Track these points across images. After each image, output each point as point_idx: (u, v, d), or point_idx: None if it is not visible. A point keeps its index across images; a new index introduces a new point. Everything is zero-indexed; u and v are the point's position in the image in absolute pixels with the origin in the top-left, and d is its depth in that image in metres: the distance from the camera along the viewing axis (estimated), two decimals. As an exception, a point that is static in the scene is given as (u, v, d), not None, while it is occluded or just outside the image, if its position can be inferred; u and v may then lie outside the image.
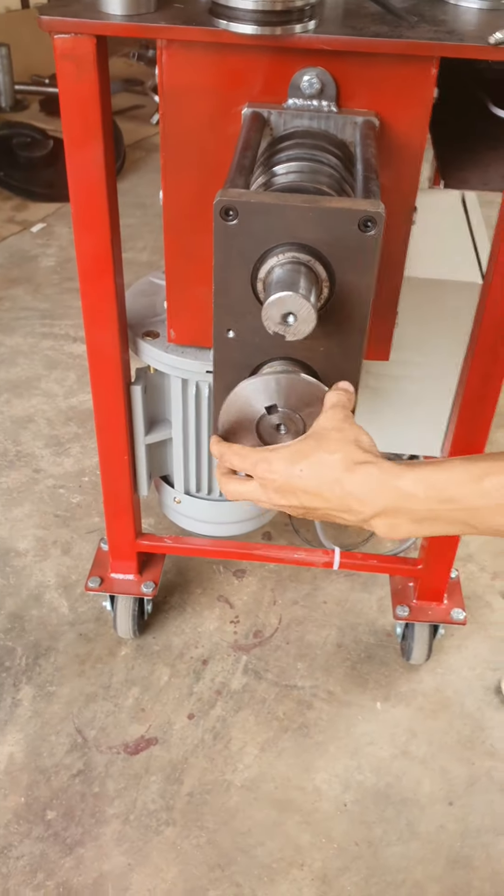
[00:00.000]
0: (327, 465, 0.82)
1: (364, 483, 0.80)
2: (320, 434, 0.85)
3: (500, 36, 0.93)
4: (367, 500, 0.80)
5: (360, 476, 0.80)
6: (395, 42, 0.94)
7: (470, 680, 1.66)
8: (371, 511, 0.80)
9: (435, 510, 0.77)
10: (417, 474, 0.78)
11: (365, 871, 1.38)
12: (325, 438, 0.84)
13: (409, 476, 0.78)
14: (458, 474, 0.76)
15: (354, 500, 0.80)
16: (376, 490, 0.79)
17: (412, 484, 0.78)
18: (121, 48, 4.33)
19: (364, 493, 0.80)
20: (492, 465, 0.75)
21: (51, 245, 3.11)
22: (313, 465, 0.82)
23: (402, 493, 0.78)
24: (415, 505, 0.78)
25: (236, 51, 0.99)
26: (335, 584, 1.83)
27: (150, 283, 1.47)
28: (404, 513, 0.79)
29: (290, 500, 0.85)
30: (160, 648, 1.69)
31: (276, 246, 0.84)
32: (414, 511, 0.78)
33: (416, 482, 0.77)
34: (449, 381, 1.49)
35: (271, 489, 0.86)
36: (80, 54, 0.98)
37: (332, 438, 0.84)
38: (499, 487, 0.74)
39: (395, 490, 0.78)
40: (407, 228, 1.12)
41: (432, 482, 0.77)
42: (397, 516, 0.79)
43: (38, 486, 2.05)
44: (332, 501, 0.82)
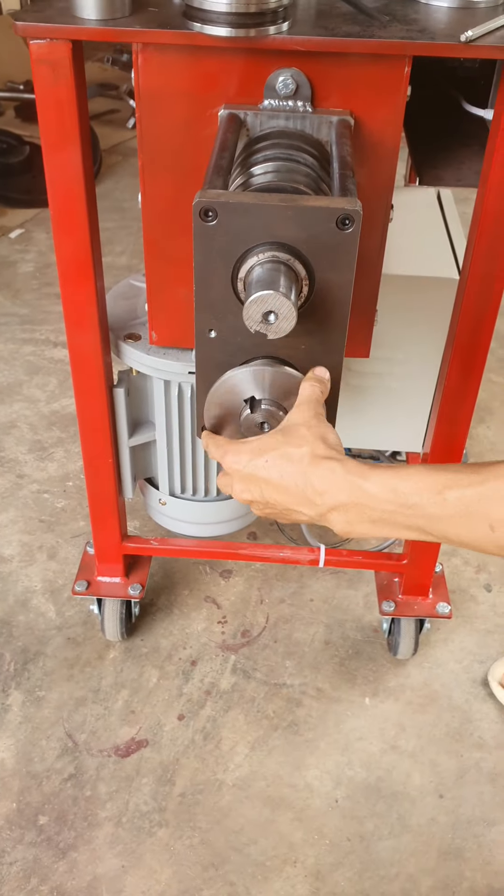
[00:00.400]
0: (292, 458, 0.84)
1: (326, 477, 0.81)
2: (289, 429, 0.87)
3: (471, 34, 0.94)
4: (327, 493, 0.81)
5: (323, 470, 0.82)
6: (368, 42, 0.95)
7: (457, 673, 1.67)
8: (330, 503, 0.82)
9: (393, 513, 0.79)
10: (381, 477, 0.80)
11: (358, 865, 1.38)
12: (293, 433, 0.85)
13: (373, 477, 0.80)
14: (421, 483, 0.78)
15: (314, 493, 0.82)
16: (337, 485, 0.81)
17: (374, 486, 0.79)
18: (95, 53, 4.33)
19: (325, 486, 0.81)
20: (454, 478, 0.77)
21: (29, 251, 3.11)
22: (278, 457, 0.84)
23: (363, 492, 0.80)
24: (375, 505, 0.79)
25: (211, 53, 0.99)
26: (321, 581, 1.84)
27: (131, 286, 1.47)
28: (362, 510, 0.80)
29: (252, 492, 0.87)
30: (148, 650, 1.69)
31: (256, 245, 0.85)
32: (373, 510, 0.80)
33: (378, 484, 0.79)
34: (429, 377, 1.50)
35: (236, 479, 0.88)
36: (56, 59, 0.99)
37: (299, 434, 0.85)
38: (459, 500, 0.76)
39: (357, 488, 0.80)
40: (384, 226, 1.13)
41: (394, 486, 0.79)
42: (355, 513, 0.81)
43: (23, 492, 2.05)
44: (293, 493, 0.83)
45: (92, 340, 1.26)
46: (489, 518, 0.74)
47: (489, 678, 1.64)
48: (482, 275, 1.15)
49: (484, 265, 1.14)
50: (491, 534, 0.75)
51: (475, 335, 1.23)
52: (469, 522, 0.76)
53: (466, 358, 1.26)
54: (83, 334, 1.26)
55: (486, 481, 0.75)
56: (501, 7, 1.06)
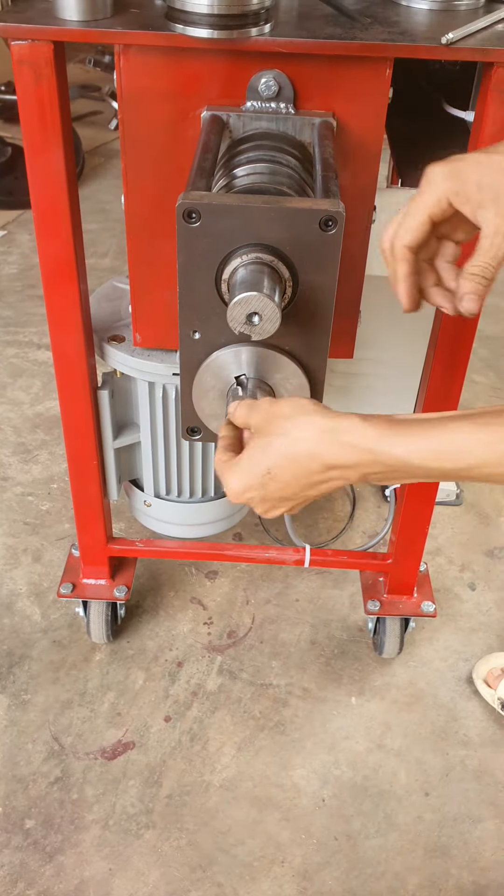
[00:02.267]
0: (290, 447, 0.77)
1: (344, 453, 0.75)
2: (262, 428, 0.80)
3: (451, 36, 0.95)
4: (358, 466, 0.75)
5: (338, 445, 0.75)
6: (349, 44, 0.96)
7: (442, 671, 1.68)
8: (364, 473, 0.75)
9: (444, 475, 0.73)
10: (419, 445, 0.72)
11: (345, 864, 1.39)
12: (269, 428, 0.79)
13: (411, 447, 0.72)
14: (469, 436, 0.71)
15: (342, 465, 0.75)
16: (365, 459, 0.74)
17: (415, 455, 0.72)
18: (77, 54, 4.31)
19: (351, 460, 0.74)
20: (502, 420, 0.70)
21: (12, 253, 3.09)
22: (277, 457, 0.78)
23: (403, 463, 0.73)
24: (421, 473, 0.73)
25: (193, 55, 0.99)
26: (307, 581, 1.85)
27: (114, 288, 1.47)
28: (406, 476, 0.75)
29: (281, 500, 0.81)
30: (135, 652, 1.69)
31: (239, 247, 0.85)
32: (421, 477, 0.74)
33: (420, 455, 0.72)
34: (412, 377, 1.51)
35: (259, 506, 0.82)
36: (38, 60, 0.98)
37: (275, 425, 0.79)
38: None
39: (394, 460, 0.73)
40: (367, 227, 1.14)
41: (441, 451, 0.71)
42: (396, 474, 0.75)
43: (7, 494, 2.04)
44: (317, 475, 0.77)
45: (76, 342, 1.26)
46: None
47: (474, 676, 1.65)
48: (464, 275, 1.16)
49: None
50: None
51: (457, 336, 1.23)
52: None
53: (449, 358, 1.26)
54: (67, 336, 1.25)
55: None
56: (482, 9, 1.07)
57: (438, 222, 0.82)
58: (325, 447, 0.75)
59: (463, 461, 0.71)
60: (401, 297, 0.84)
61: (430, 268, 0.86)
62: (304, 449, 0.76)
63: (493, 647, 1.73)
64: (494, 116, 1.01)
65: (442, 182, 0.79)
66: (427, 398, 1.31)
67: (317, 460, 0.76)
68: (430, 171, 0.81)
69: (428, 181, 0.80)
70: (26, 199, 1.11)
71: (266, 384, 0.93)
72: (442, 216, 0.81)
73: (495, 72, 0.98)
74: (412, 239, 0.82)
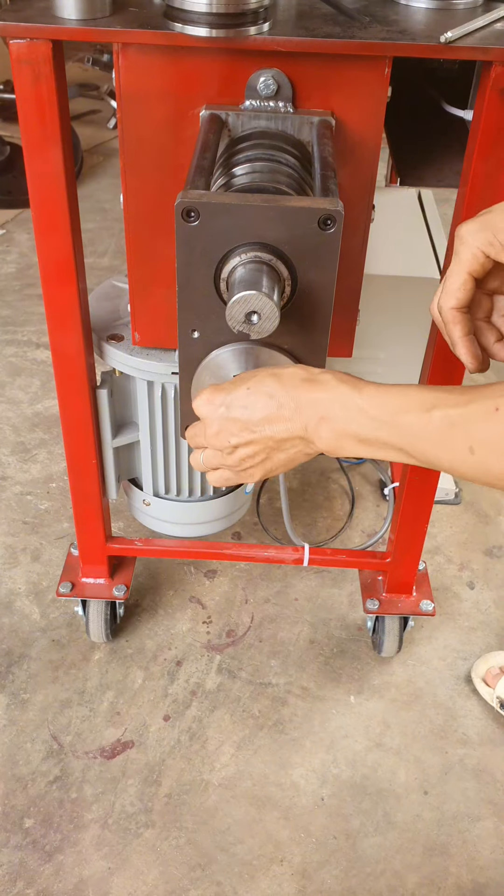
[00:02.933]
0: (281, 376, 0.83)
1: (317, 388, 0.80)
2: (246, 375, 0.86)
3: (450, 35, 0.95)
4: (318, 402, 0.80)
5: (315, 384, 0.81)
6: (348, 42, 0.96)
7: (441, 670, 1.68)
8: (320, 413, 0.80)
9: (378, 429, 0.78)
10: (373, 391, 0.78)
11: (344, 863, 1.39)
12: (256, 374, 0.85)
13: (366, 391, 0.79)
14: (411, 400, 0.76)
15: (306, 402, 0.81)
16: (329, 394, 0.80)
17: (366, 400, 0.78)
18: (75, 53, 4.31)
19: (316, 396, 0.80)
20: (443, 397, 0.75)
21: (10, 252, 3.09)
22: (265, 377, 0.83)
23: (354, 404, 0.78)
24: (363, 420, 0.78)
25: (192, 53, 0.99)
26: (305, 580, 1.85)
27: (113, 287, 1.47)
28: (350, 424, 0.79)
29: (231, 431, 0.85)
30: (133, 651, 1.69)
31: (238, 246, 0.85)
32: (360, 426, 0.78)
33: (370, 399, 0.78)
34: (411, 376, 1.51)
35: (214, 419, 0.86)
36: (37, 59, 0.98)
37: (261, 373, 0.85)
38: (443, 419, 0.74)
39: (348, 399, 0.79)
40: (365, 226, 1.14)
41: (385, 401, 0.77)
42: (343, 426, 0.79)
43: (5, 494, 2.04)
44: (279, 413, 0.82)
45: (75, 341, 1.26)
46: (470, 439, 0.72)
47: (472, 675, 1.65)
48: (463, 274, 1.16)
49: (465, 265, 1.15)
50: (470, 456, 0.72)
51: (457, 334, 1.23)
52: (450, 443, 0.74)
53: (448, 357, 1.26)
54: (66, 335, 1.25)
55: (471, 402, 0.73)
56: (480, 8, 1.07)
57: (481, 278, 0.81)
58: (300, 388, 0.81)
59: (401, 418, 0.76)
60: (463, 359, 0.83)
61: (489, 325, 0.86)
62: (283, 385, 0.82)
63: (491, 645, 1.73)
64: (493, 115, 1.01)
65: (473, 237, 0.79)
66: (426, 397, 1.31)
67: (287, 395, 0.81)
68: (460, 230, 0.81)
69: (460, 239, 0.80)
70: (25, 198, 1.10)
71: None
72: (482, 271, 0.80)
73: (494, 70, 0.98)
74: (457, 300, 0.82)
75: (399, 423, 0.76)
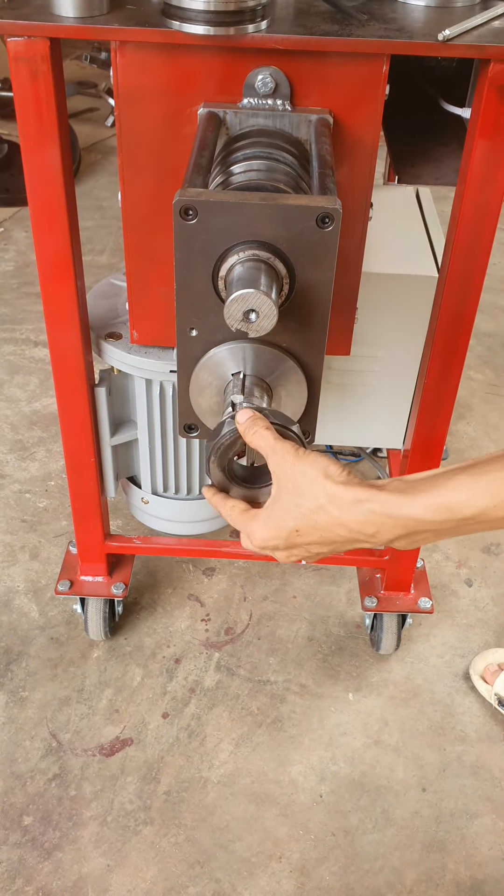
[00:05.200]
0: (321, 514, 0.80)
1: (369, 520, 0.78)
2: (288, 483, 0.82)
3: (448, 33, 0.95)
4: (378, 533, 0.78)
5: (362, 515, 0.78)
6: (346, 40, 0.96)
7: (439, 667, 1.68)
8: (386, 539, 0.79)
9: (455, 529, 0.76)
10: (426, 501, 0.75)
11: (343, 860, 1.39)
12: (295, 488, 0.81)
13: (418, 505, 0.75)
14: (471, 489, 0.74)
15: (365, 536, 0.79)
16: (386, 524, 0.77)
17: (426, 512, 0.75)
18: (73, 51, 4.30)
19: (373, 529, 0.78)
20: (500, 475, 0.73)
21: (8, 250, 3.09)
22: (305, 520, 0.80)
23: (415, 521, 0.76)
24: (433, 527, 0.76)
25: (190, 51, 0.99)
26: (304, 578, 1.85)
27: (111, 285, 1.47)
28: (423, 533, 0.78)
29: (299, 554, 0.85)
30: (132, 649, 1.69)
31: (236, 244, 0.85)
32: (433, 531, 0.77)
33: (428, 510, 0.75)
34: (409, 374, 1.51)
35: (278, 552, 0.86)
36: (34, 57, 0.98)
37: (304, 487, 0.80)
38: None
39: (407, 520, 0.76)
40: (364, 224, 1.14)
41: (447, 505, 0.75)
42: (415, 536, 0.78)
43: (4, 492, 2.04)
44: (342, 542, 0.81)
45: (73, 340, 1.26)
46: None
47: (471, 672, 1.65)
48: (461, 272, 1.16)
49: (462, 263, 1.15)
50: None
51: (454, 332, 1.24)
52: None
53: (446, 355, 1.26)
54: (64, 333, 1.25)
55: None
56: (478, 6, 1.07)
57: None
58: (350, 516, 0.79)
59: (467, 511, 0.74)
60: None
61: None
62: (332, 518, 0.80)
63: (489, 643, 1.73)
64: (491, 113, 1.01)
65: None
66: (424, 395, 1.32)
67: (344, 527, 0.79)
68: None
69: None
70: (23, 196, 1.10)
71: (263, 381, 0.94)
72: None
73: (492, 68, 0.98)
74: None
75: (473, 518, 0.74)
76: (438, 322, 1.23)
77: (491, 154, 1.04)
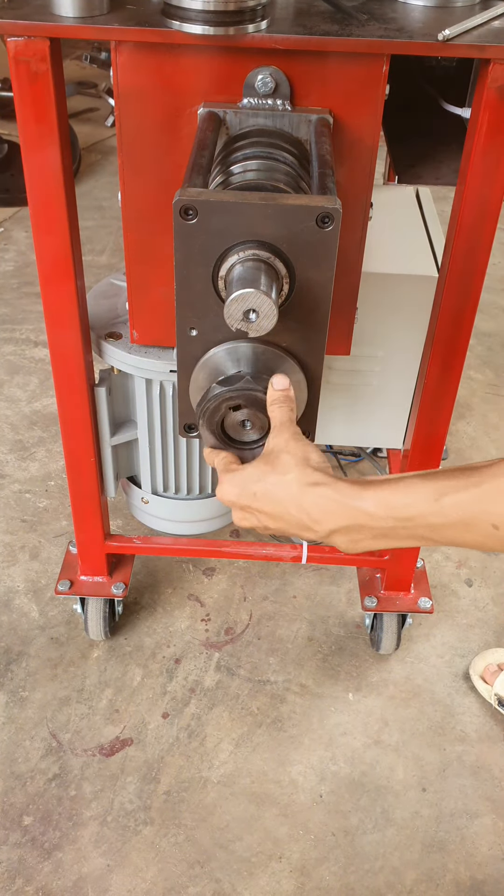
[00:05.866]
0: (281, 487, 0.84)
1: (319, 504, 0.81)
2: (271, 457, 0.86)
3: (448, 32, 0.95)
4: (323, 520, 0.81)
5: (315, 497, 0.81)
6: (346, 40, 0.96)
7: (439, 667, 1.68)
8: (329, 528, 0.82)
9: (394, 528, 0.79)
10: (375, 494, 0.79)
11: (343, 860, 1.39)
12: (277, 462, 0.85)
13: (367, 496, 0.79)
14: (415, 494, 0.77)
15: (311, 520, 0.82)
16: (332, 510, 0.81)
17: (370, 504, 0.79)
18: (73, 51, 4.30)
19: (320, 514, 0.81)
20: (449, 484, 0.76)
21: (8, 250, 3.09)
22: (267, 487, 0.85)
23: (361, 513, 0.79)
24: (375, 523, 0.79)
25: (190, 51, 0.99)
26: (304, 578, 1.85)
27: (111, 285, 1.47)
28: (364, 530, 0.80)
29: (250, 520, 0.88)
30: (132, 649, 1.69)
31: (236, 244, 0.85)
32: (372, 528, 0.80)
33: (373, 502, 0.79)
34: (409, 374, 1.51)
35: (234, 508, 0.90)
36: (35, 57, 0.98)
37: (282, 461, 0.85)
38: (456, 505, 0.75)
39: (353, 510, 0.80)
40: (363, 224, 1.14)
41: (389, 501, 0.78)
42: (358, 533, 0.81)
43: (4, 492, 2.04)
44: (290, 522, 0.84)
45: (73, 340, 1.26)
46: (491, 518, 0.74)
47: (471, 672, 1.65)
48: (461, 272, 1.16)
49: (462, 263, 1.15)
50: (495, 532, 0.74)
51: (454, 332, 1.24)
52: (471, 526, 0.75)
53: (446, 355, 1.26)
54: (64, 333, 1.25)
55: (482, 482, 0.74)
56: (478, 6, 1.07)
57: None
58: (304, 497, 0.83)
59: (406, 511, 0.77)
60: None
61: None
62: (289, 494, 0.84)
63: (489, 643, 1.73)
64: (491, 113, 1.01)
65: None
66: (424, 395, 1.32)
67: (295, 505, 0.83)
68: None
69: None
70: (23, 196, 1.10)
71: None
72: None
73: (492, 68, 0.98)
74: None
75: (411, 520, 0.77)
76: (438, 322, 1.23)
77: (491, 154, 1.05)
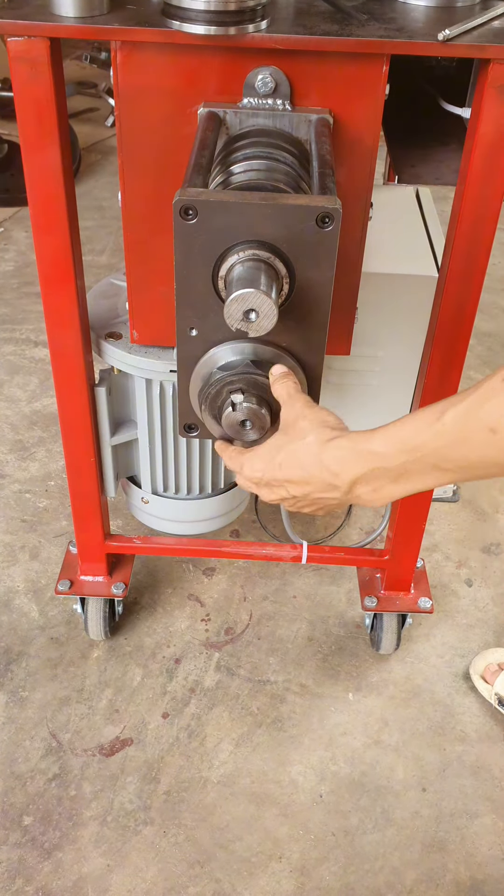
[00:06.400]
0: (302, 450, 0.85)
1: (336, 456, 0.83)
2: (287, 427, 0.88)
3: (448, 32, 0.95)
4: (342, 472, 0.82)
5: (333, 450, 0.83)
6: (346, 40, 0.96)
7: (439, 667, 1.68)
8: (350, 479, 0.82)
9: (405, 463, 0.79)
10: (384, 433, 0.80)
11: (343, 860, 1.39)
12: (294, 428, 0.87)
13: (376, 437, 0.80)
14: (417, 421, 0.78)
15: (332, 475, 0.83)
16: (350, 458, 0.82)
17: (380, 444, 0.80)
18: (73, 51, 4.31)
19: (339, 466, 0.82)
20: (446, 403, 0.75)
21: (8, 250, 3.09)
22: (289, 454, 0.86)
23: (373, 455, 0.80)
24: (388, 463, 0.80)
25: (190, 51, 0.99)
26: (304, 578, 1.85)
27: (111, 285, 1.47)
28: (381, 474, 0.81)
29: (279, 492, 0.89)
30: (132, 649, 1.69)
31: (236, 244, 0.85)
32: (389, 470, 0.80)
33: (382, 441, 0.80)
34: (409, 374, 1.51)
35: (261, 486, 0.91)
36: (35, 57, 0.98)
37: (299, 427, 0.87)
38: (454, 420, 0.74)
39: (367, 454, 0.81)
40: (363, 224, 1.14)
41: (398, 437, 0.79)
42: (376, 479, 0.81)
43: (4, 492, 2.04)
44: (315, 483, 0.85)
45: (73, 339, 1.26)
46: (487, 422, 0.71)
47: (471, 672, 1.65)
48: (461, 272, 1.16)
49: (462, 263, 1.15)
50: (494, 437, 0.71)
51: (454, 332, 1.24)
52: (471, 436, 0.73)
53: (446, 355, 1.26)
54: (64, 333, 1.25)
55: (473, 391, 0.73)
56: (479, 6, 1.07)
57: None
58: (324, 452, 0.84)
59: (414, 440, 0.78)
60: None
61: None
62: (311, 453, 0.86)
63: (489, 642, 1.73)
64: (491, 113, 1.01)
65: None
66: (424, 395, 1.32)
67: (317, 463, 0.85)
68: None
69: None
70: (23, 196, 1.10)
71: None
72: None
73: (492, 68, 0.98)
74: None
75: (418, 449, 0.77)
76: (438, 322, 1.23)
77: (491, 154, 1.05)
